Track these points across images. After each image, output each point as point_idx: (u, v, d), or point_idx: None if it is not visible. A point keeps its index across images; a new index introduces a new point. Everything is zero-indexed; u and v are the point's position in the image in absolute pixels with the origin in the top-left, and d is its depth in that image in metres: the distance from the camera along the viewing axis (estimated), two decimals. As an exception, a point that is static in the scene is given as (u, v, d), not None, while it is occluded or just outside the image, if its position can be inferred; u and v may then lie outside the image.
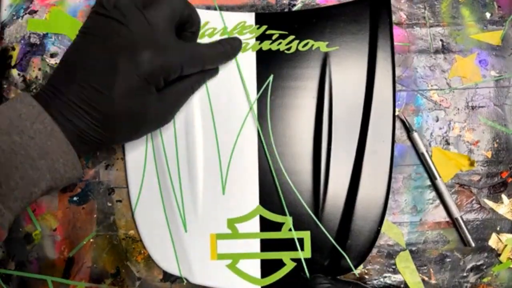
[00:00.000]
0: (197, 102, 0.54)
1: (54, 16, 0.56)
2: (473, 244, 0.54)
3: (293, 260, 0.52)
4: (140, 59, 0.43)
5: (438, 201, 0.55)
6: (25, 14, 0.56)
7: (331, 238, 0.53)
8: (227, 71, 0.54)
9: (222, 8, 0.55)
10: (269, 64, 0.54)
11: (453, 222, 0.54)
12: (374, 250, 0.54)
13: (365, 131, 0.53)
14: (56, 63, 0.55)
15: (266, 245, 0.53)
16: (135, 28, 0.43)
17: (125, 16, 0.43)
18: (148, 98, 0.45)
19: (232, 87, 0.54)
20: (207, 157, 0.53)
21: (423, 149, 0.54)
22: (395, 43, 0.55)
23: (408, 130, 0.55)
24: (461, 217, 0.54)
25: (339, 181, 0.53)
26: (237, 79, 0.54)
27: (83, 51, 0.44)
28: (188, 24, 0.49)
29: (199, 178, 0.53)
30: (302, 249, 0.52)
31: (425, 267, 0.54)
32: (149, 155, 0.53)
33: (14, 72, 0.55)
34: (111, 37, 0.43)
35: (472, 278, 0.54)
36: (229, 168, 0.53)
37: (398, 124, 0.55)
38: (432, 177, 0.54)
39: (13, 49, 0.55)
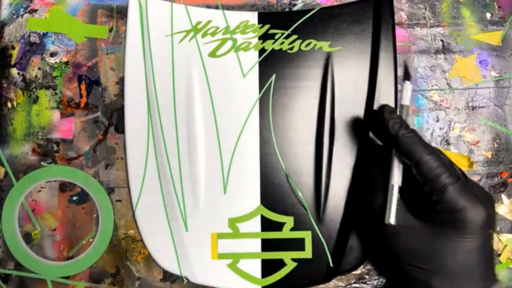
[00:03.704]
0: (199, 101, 0.54)
1: (54, 15, 0.55)
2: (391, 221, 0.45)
3: (294, 260, 0.52)
4: None
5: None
6: (25, 13, 0.55)
7: (331, 240, 0.52)
8: (229, 71, 0.54)
9: (223, 7, 0.55)
10: (271, 64, 0.54)
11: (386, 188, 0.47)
12: (375, 250, 0.54)
13: (367, 132, 0.53)
14: (56, 62, 0.55)
15: (267, 245, 0.53)
16: None
17: None
18: None
19: (234, 86, 0.54)
20: (209, 156, 0.53)
21: (405, 102, 0.48)
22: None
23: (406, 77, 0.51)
24: (399, 187, 0.46)
25: (341, 181, 0.53)
26: (239, 78, 0.54)
27: None
28: None
29: (201, 177, 0.53)
30: (303, 249, 0.53)
31: (425, 267, 0.54)
32: (150, 154, 0.53)
33: (14, 71, 0.55)
34: None
35: (472, 278, 0.54)
36: (230, 168, 0.53)
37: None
38: None
39: (13, 48, 0.55)
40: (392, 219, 0.45)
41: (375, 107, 0.53)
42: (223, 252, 0.52)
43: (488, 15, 0.57)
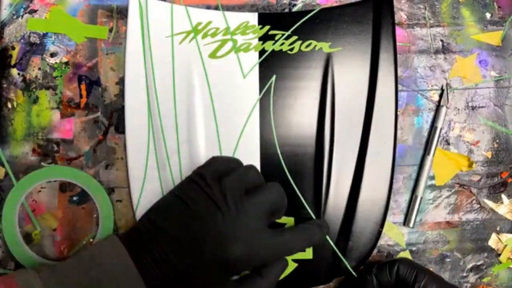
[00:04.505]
0: (199, 103, 0.54)
1: (54, 15, 0.55)
2: (411, 225, 0.54)
3: (295, 261, 0.52)
4: (229, 253, 0.42)
5: (438, 201, 0.55)
6: (25, 13, 0.55)
7: (331, 242, 0.53)
8: (229, 72, 0.54)
9: (222, 7, 0.55)
10: (271, 65, 0.54)
11: (411, 199, 0.55)
12: (375, 251, 0.54)
13: (367, 132, 0.53)
14: (56, 62, 0.55)
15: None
16: (231, 217, 0.43)
17: (226, 203, 0.43)
18: (224, 285, 0.45)
19: (235, 87, 0.54)
20: (209, 156, 0.53)
21: (439, 125, 0.55)
22: (395, 43, 0.56)
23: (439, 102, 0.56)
24: (421, 198, 0.54)
25: (341, 182, 0.53)
26: (239, 79, 0.54)
27: (174, 217, 0.44)
28: (277, 213, 0.49)
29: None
30: (304, 250, 0.53)
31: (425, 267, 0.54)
32: (150, 155, 0.53)
33: (14, 71, 0.55)
34: (205, 219, 0.43)
35: (472, 278, 0.55)
36: (231, 168, 0.53)
37: (399, 124, 0.55)
38: (425, 151, 0.55)
39: (13, 48, 0.55)
40: (411, 223, 0.54)
41: (375, 108, 0.53)
42: (224, 253, 0.52)
43: (488, 15, 0.57)
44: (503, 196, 0.55)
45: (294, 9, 0.56)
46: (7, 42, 0.55)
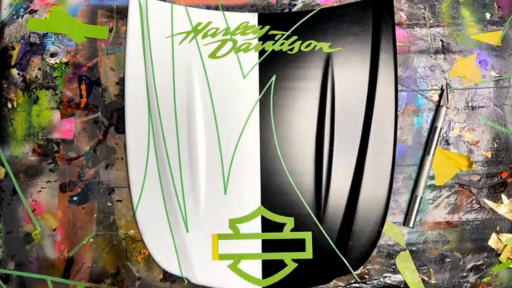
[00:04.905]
0: (199, 102, 0.54)
1: (54, 15, 0.55)
2: (411, 224, 0.54)
3: (295, 261, 0.52)
4: None
5: (438, 201, 0.55)
6: (25, 13, 0.55)
7: (331, 241, 0.53)
8: (229, 72, 0.54)
9: (222, 7, 0.55)
10: (271, 65, 0.54)
11: (411, 199, 0.55)
12: (374, 250, 0.54)
13: (367, 132, 0.53)
14: (56, 62, 0.55)
15: (267, 245, 0.53)
16: None
17: None
18: None
19: (235, 87, 0.54)
20: (209, 157, 0.53)
21: (439, 125, 0.55)
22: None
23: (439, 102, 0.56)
24: (421, 198, 0.54)
25: (341, 182, 0.53)
26: (239, 79, 0.54)
27: None
28: None
29: (201, 178, 0.53)
30: (304, 250, 0.53)
31: (425, 267, 0.54)
32: (150, 155, 0.53)
33: (14, 71, 0.55)
34: None
35: (472, 278, 0.54)
36: (231, 168, 0.53)
37: (399, 124, 0.55)
38: (425, 151, 0.55)
39: (13, 48, 0.55)
40: (411, 223, 0.54)
41: (375, 108, 0.53)
42: (224, 253, 0.53)
43: (487, 15, 0.57)
44: (503, 196, 0.55)
45: (294, 9, 0.56)
46: (7, 42, 0.55)
